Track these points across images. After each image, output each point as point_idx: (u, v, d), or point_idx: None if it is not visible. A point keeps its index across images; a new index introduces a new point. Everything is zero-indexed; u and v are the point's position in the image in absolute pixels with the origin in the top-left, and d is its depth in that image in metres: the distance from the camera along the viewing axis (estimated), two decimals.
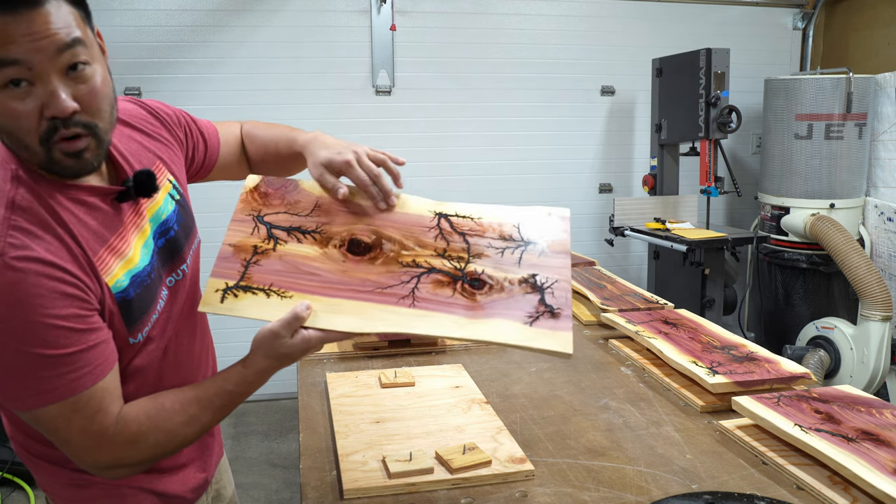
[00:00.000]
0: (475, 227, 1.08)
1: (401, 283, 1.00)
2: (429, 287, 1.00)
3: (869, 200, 3.55)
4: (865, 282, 3.08)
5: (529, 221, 1.09)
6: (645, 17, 3.91)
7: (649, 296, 2.13)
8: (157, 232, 1.02)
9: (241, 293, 0.99)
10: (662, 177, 3.57)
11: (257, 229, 1.06)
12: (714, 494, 1.08)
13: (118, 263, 0.92)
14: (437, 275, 1.01)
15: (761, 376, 1.45)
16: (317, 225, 1.07)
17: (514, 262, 1.04)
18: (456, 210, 1.09)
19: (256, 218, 1.07)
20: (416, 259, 1.03)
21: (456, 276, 1.01)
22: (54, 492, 1.03)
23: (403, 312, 0.97)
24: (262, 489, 2.94)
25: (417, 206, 1.10)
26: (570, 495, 1.11)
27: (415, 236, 1.06)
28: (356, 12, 3.60)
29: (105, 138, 0.88)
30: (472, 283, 1.01)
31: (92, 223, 0.90)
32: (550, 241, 1.06)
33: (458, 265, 1.03)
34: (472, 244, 1.05)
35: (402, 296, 0.99)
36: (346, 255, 1.03)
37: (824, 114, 3.35)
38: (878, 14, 3.80)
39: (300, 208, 1.09)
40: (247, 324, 1.12)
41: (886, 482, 1.03)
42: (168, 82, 3.46)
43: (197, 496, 1.14)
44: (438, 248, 1.04)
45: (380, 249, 1.04)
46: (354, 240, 1.05)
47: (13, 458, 2.91)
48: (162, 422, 0.92)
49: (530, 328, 0.96)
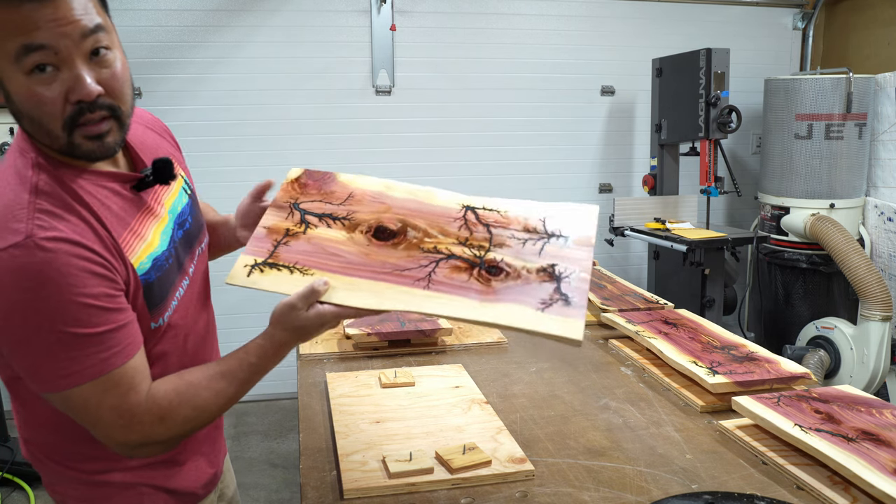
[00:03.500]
0: (500, 220, 1.09)
1: (419, 266, 1.02)
2: (446, 271, 1.01)
3: (869, 200, 3.55)
4: (865, 282, 3.07)
5: (556, 215, 1.10)
6: (645, 17, 3.91)
7: (649, 296, 2.13)
8: (176, 222, 1.05)
9: (266, 269, 1.03)
10: (662, 177, 3.57)
11: (292, 215, 1.11)
12: (714, 494, 1.08)
13: (141, 246, 0.94)
14: (456, 261, 1.03)
15: (761, 376, 1.44)
16: (347, 213, 1.11)
17: (535, 253, 1.04)
18: (483, 203, 1.12)
19: (293, 205, 1.13)
20: (438, 246, 1.05)
21: (474, 262, 1.02)
22: (65, 492, 1.03)
23: (417, 293, 0.99)
24: (262, 489, 2.94)
25: (445, 199, 1.12)
26: (570, 495, 1.11)
27: (440, 225, 1.08)
28: (356, 12, 3.60)
29: (126, 122, 0.90)
30: (489, 270, 1.01)
31: (114, 207, 0.92)
32: (575, 234, 1.07)
33: (478, 253, 1.04)
34: (494, 234, 1.07)
35: (418, 278, 1.00)
36: (370, 240, 1.06)
37: (824, 114, 3.35)
38: (878, 14, 3.79)
39: (334, 198, 1.14)
40: (249, 322, 1.13)
41: (886, 482, 1.03)
42: (168, 82, 3.46)
43: (207, 492, 1.15)
44: (461, 237, 1.06)
45: (404, 236, 1.07)
46: (381, 227, 1.08)
47: (13, 457, 2.91)
48: (191, 397, 0.94)
49: (542, 314, 0.95)
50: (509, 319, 0.95)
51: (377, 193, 1.13)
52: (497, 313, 0.96)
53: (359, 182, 1.16)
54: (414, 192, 1.14)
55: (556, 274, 1.01)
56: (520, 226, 1.08)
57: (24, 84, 0.82)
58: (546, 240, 1.06)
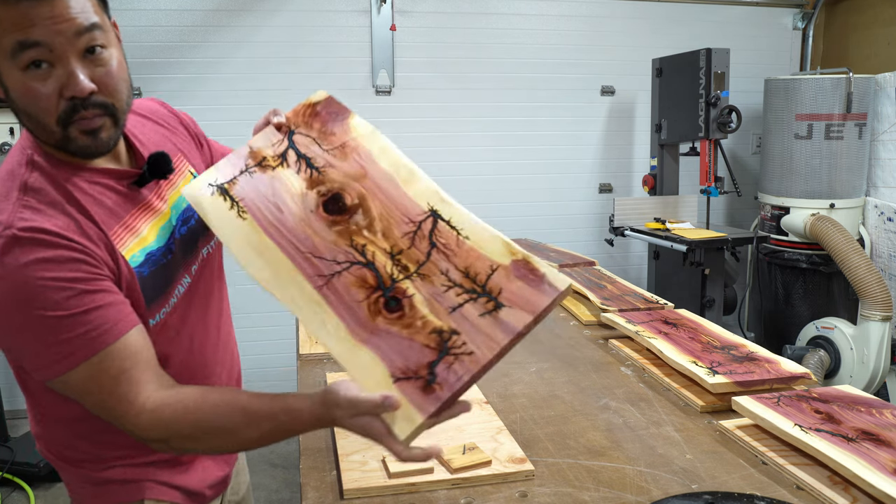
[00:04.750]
0: (450, 245, 0.93)
1: (333, 260, 0.94)
2: (350, 280, 0.91)
3: (869, 200, 3.55)
4: (865, 282, 3.07)
5: (513, 272, 0.88)
6: (645, 17, 3.91)
7: (649, 296, 2.13)
8: (180, 219, 1.05)
9: (218, 194, 1.00)
10: (662, 177, 3.57)
11: (281, 143, 1.06)
12: (714, 494, 1.08)
13: (133, 239, 0.95)
14: (368, 272, 0.92)
15: (761, 376, 1.44)
16: (325, 164, 1.03)
17: (449, 306, 0.87)
18: (452, 216, 0.95)
19: (289, 133, 1.07)
20: (368, 245, 0.95)
21: (382, 285, 0.90)
22: (77, 490, 1.05)
23: (306, 291, 0.91)
24: (263, 489, 2.94)
25: (419, 191, 0.99)
26: (570, 495, 1.10)
27: (389, 221, 0.96)
28: (356, 12, 3.60)
29: (121, 119, 0.92)
30: (389, 301, 0.89)
31: (108, 202, 0.94)
32: (513, 307, 0.85)
33: (396, 274, 0.91)
34: (430, 260, 0.92)
35: (321, 274, 0.92)
36: (318, 206, 0.99)
37: (824, 114, 3.35)
38: (878, 14, 3.79)
39: (328, 141, 1.06)
40: (249, 323, 1.13)
41: (886, 482, 1.03)
42: (168, 82, 3.46)
43: (215, 493, 1.14)
44: (397, 246, 0.94)
45: (348, 217, 0.97)
46: (337, 196, 0.99)
47: (13, 457, 2.91)
48: (200, 419, 0.89)
49: (392, 383, 0.83)
50: (358, 372, 0.85)
51: (366, 154, 1.04)
52: (352, 359, 0.86)
53: (360, 132, 1.06)
54: (396, 169, 1.02)
55: (445, 345, 0.84)
56: (463, 263, 0.90)
57: (20, 80, 0.84)
58: (473, 298, 0.87)
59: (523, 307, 0.84)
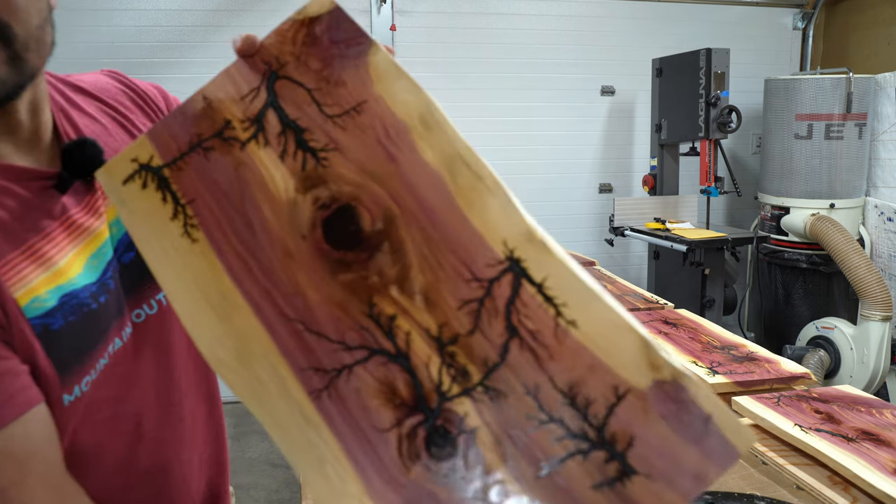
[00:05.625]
0: (543, 335, 0.50)
1: (338, 343, 0.54)
2: (368, 385, 0.52)
3: (869, 200, 3.55)
4: (865, 282, 3.08)
5: (646, 402, 0.46)
6: (645, 17, 3.91)
7: (649, 296, 2.13)
8: (124, 242, 0.71)
9: (151, 184, 0.61)
10: (662, 177, 3.57)
11: (256, 94, 0.64)
12: (714, 494, 1.08)
13: (40, 275, 0.62)
14: (400, 375, 0.52)
15: (761, 376, 1.44)
16: (327, 144, 0.60)
17: (538, 462, 0.48)
18: (547, 274, 0.52)
19: (269, 75, 0.65)
20: (399, 320, 0.54)
21: (424, 404, 0.51)
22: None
23: (293, 394, 0.53)
24: (262, 489, 2.94)
25: (495, 222, 0.56)
26: None
27: (439, 273, 0.54)
28: (356, 12, 3.60)
29: (21, 54, 0.59)
30: (432, 433, 0.50)
31: (3, 215, 0.61)
32: (652, 477, 0.45)
33: (446, 382, 0.51)
34: (507, 362, 0.51)
35: (318, 368, 0.53)
36: (314, 228, 0.58)
37: (824, 114, 3.35)
38: (878, 14, 3.79)
39: (333, 97, 0.61)
40: None
41: (886, 482, 1.03)
42: (168, 82, 3.43)
43: None
44: (452, 325, 0.53)
45: (368, 256, 0.56)
46: (347, 209, 0.57)
47: None
48: None
49: None
50: None
51: (397, 129, 0.61)
52: None
53: (386, 82, 0.63)
54: (451, 167, 0.58)
55: None
56: (566, 374, 0.49)
57: None
58: (583, 451, 0.47)
59: (677, 484, 0.43)
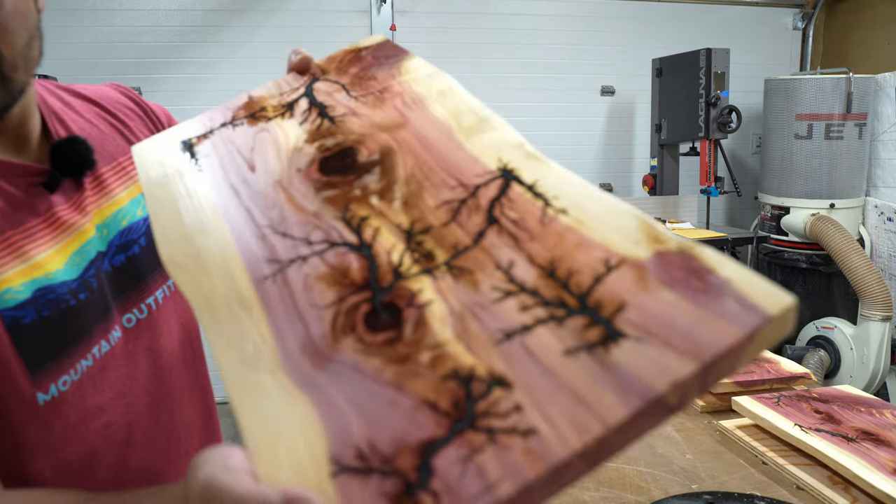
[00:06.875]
0: (526, 222, 0.50)
1: (303, 239, 0.54)
2: (320, 272, 0.51)
3: (869, 200, 3.55)
4: (865, 282, 3.08)
5: (644, 272, 0.43)
6: (645, 17, 3.92)
7: None
8: (114, 244, 0.74)
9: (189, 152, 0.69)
10: (662, 177, 3.57)
11: (294, 91, 0.75)
12: (714, 494, 1.08)
13: (14, 266, 0.63)
14: (356, 260, 0.51)
15: (761, 376, 1.44)
16: (346, 111, 0.67)
17: (501, 330, 0.43)
18: (539, 177, 0.54)
19: (312, 79, 0.76)
20: (369, 220, 0.54)
21: (375, 282, 0.49)
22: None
23: (236, 282, 0.52)
24: None
25: (488, 143, 0.60)
26: (570, 495, 1.10)
27: (421, 185, 0.56)
28: (356, 12, 3.60)
29: (8, 74, 0.62)
30: (376, 311, 0.47)
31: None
32: (647, 339, 0.39)
33: (406, 265, 0.49)
34: (480, 246, 0.49)
35: (273, 259, 0.53)
36: (311, 164, 0.62)
37: (824, 114, 3.35)
38: (878, 14, 3.79)
39: (362, 87, 0.71)
40: None
41: (886, 482, 1.03)
42: (168, 82, 3.46)
43: None
44: (422, 222, 0.53)
45: (353, 177, 0.59)
46: (349, 150, 0.62)
47: None
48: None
49: (329, 476, 0.39)
50: (269, 443, 0.44)
51: (414, 99, 0.68)
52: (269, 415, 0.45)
53: (414, 75, 0.72)
54: (457, 115, 0.66)
55: (470, 407, 0.40)
56: (546, 252, 0.46)
57: None
58: (558, 318, 0.42)
59: (677, 344, 0.39)
